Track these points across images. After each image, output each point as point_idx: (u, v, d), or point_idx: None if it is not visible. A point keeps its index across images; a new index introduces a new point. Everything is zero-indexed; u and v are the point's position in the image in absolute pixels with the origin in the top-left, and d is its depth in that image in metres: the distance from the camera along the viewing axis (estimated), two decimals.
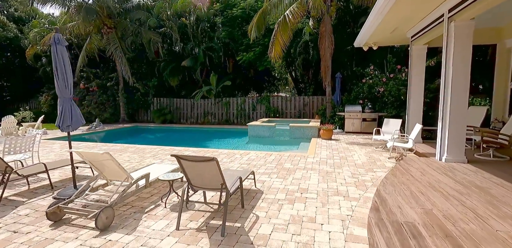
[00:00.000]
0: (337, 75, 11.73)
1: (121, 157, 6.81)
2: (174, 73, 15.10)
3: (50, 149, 8.00)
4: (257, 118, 14.78)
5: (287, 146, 9.05)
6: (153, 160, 6.40)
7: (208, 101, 15.56)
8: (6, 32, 17.24)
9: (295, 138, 9.76)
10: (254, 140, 10.03)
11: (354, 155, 6.81)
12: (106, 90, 16.01)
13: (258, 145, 9.18)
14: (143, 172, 4.22)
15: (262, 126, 10.16)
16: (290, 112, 14.32)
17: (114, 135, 12.87)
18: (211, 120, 15.54)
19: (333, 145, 8.19)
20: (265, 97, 14.55)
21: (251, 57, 13.48)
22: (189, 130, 14.17)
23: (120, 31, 14.18)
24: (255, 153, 6.98)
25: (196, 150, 7.55)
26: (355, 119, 10.68)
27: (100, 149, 7.90)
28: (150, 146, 8.16)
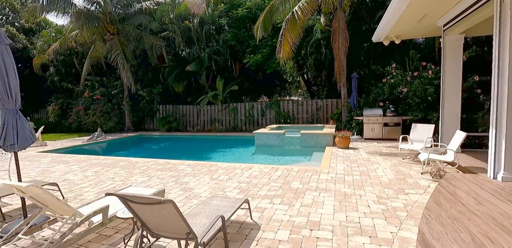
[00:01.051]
0: (353, 75, 10.56)
1: (106, 174, 5.99)
2: (179, 79, 14.45)
3: (37, 164, 7.35)
4: (267, 124, 13.77)
5: (297, 156, 7.97)
6: (140, 178, 5.53)
7: (215, 107, 14.75)
8: (15, 43, 17.34)
9: (307, 147, 8.66)
10: (261, 150, 9.01)
11: (378, 169, 5.63)
12: (111, 99, 15.60)
13: (265, 156, 8.16)
14: (101, 203, 3.29)
15: (270, 134, 9.14)
16: (302, 117, 13.21)
17: (115, 145, 12.26)
18: (218, 127, 14.69)
19: (351, 155, 7.02)
20: (274, 101, 13.55)
21: (258, 59, 12.57)
22: (194, 138, 13.36)
23: (123, 37, 13.72)
24: (259, 168, 5.95)
25: (192, 163, 6.63)
26: (375, 124, 9.43)
27: (90, 163, 7.16)
28: (144, 160, 7.33)
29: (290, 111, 13.38)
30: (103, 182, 5.35)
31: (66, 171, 6.35)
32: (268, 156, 8.22)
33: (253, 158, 8.08)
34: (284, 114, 13.28)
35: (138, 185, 4.99)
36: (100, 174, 5.98)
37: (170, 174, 5.75)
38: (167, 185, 4.93)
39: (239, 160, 7.65)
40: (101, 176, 5.81)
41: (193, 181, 5.17)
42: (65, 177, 5.79)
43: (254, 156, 8.28)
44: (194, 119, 15.32)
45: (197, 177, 5.40)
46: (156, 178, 5.45)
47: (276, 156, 8.01)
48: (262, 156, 8.19)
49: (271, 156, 8.18)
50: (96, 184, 5.19)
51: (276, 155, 8.26)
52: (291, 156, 8.06)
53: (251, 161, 7.61)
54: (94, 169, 6.48)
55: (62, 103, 17.32)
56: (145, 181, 5.30)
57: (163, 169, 6.16)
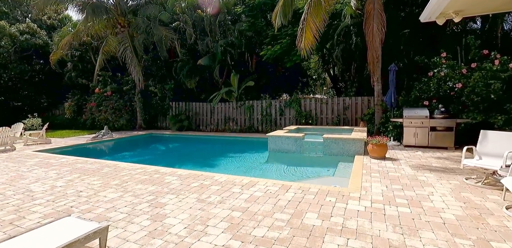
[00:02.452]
0: (391, 68, 8.69)
1: (78, 184, 4.89)
2: (191, 74, 13.35)
3: (18, 166, 6.50)
4: (285, 125, 12.23)
5: (318, 167, 6.40)
6: (110, 194, 4.33)
7: (229, 105, 13.48)
8: (35, 39, 17.34)
9: (331, 155, 7.04)
10: (274, 157, 7.54)
11: (433, 194, 3.95)
12: (123, 95, 14.95)
13: (278, 166, 6.68)
14: None
15: (286, 137, 7.63)
16: (327, 118, 11.50)
17: (120, 145, 11.44)
18: (233, 127, 13.42)
19: (389, 169, 5.33)
20: (294, 99, 11.96)
21: (277, 50, 11.06)
22: (205, 139, 12.20)
23: (133, 29, 12.88)
24: (265, 185, 4.51)
25: (184, 174, 5.35)
26: (419, 127, 7.56)
27: (72, 168, 6.16)
28: (133, 166, 6.19)
29: (313, 111, 11.72)
30: (65, 197, 4.22)
31: (38, 178, 5.36)
32: (281, 165, 6.72)
33: (263, 168, 6.62)
34: (306, 114, 11.66)
35: (85, 213, 3.78)
36: (70, 185, 4.89)
37: (151, 189, 4.50)
38: (135, 209, 3.67)
39: (244, 171, 6.27)
40: (70, 188, 4.71)
41: (174, 202, 3.87)
42: (29, 188, 4.77)
43: (264, 166, 6.80)
44: (207, 118, 14.18)
45: (181, 197, 4.09)
46: (130, 195, 4.22)
47: (291, 166, 6.49)
48: (274, 166, 6.72)
49: (285, 165, 6.67)
50: (54, 201, 4.07)
51: (291, 164, 6.75)
52: (310, 166, 6.50)
53: (259, 172, 6.18)
54: (70, 177, 5.44)
55: (78, 100, 17.05)
56: (114, 199, 4.08)
57: (146, 181, 4.94)
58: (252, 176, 5.35)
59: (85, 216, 3.49)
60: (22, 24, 17.13)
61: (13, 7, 17.80)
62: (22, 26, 17.04)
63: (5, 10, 17.46)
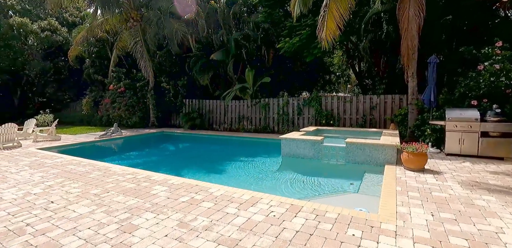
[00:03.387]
0: (430, 60, 7.32)
1: (53, 193, 4.23)
2: (204, 70, 12.61)
3: (9, 167, 6.04)
4: (304, 125, 11.14)
5: (338, 179, 5.32)
6: (81, 207, 3.60)
7: (243, 103, 12.60)
8: (56, 36, 17.52)
9: (355, 163, 5.92)
10: (288, 164, 6.54)
11: (505, 233, 2.78)
12: (136, 92, 14.58)
13: (291, 175, 5.65)
14: None
15: (302, 140, 6.59)
16: (351, 118, 10.26)
17: (129, 143, 10.97)
18: (247, 126, 12.53)
19: (433, 187, 4.15)
20: (314, 97, 10.81)
21: (295, 43, 9.97)
22: (216, 139, 11.44)
23: (144, 23, 12.36)
24: (269, 204, 3.56)
25: (177, 183, 4.53)
26: (466, 132, 6.20)
27: (61, 170, 5.59)
28: (125, 170, 5.49)
29: (334, 110, 10.51)
30: (30, 210, 3.55)
31: (19, 182, 4.80)
32: (294, 174, 5.70)
33: (272, 177, 5.60)
34: (327, 114, 10.48)
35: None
36: (46, 192, 4.24)
37: (131, 203, 3.71)
38: (99, 233, 2.88)
39: (249, 181, 5.32)
40: (43, 196, 4.05)
41: (149, 225, 3.03)
42: (1, 195, 4.18)
43: (274, 175, 5.77)
44: (220, 116, 13.41)
45: (161, 217, 3.25)
46: (103, 211, 3.45)
47: (306, 176, 5.45)
48: (285, 175, 5.69)
49: (298, 174, 5.64)
50: (14, 215, 3.41)
51: (306, 173, 5.70)
52: (329, 177, 5.42)
53: (267, 183, 5.19)
54: (52, 181, 4.83)
55: (95, 96, 17.03)
56: (81, 216, 3.33)
57: (130, 192, 4.17)
58: (257, 189, 4.42)
59: (33, 242, 2.74)
60: (43, 21, 17.37)
61: (36, 5, 18.10)
62: (43, 23, 17.28)
63: (28, 7, 17.79)
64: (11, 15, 16.79)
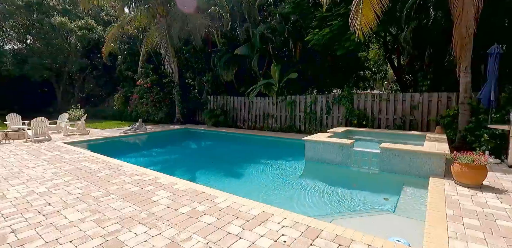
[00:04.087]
0: (492, 50, 6.03)
1: (58, 192, 4.02)
2: (229, 66, 12.17)
3: (30, 161, 6.10)
4: (333, 125, 10.23)
5: (370, 192, 4.49)
6: (78, 212, 3.28)
7: (268, 100, 11.97)
8: (92, 34, 18.29)
9: (391, 172, 5.03)
10: (311, 170, 5.82)
11: None
12: (163, 88, 14.65)
13: (313, 184, 4.92)
14: None
15: (329, 143, 5.81)
16: (387, 119, 9.14)
17: (151, 140, 10.95)
18: (272, 124, 11.90)
19: (496, 212, 3.21)
20: (346, 94, 9.83)
21: (325, 35, 9.07)
22: (238, 138, 10.97)
23: (170, 17, 12.21)
24: (281, 223, 2.93)
25: (183, 188, 4.08)
26: None
27: (74, 167, 5.47)
28: (136, 170, 5.21)
29: (368, 109, 9.45)
30: (24, 212, 3.31)
31: (29, 179, 4.71)
32: (317, 183, 4.96)
33: (291, 187, 4.89)
34: (359, 113, 9.47)
35: None
36: (49, 192, 4.04)
37: (126, 211, 3.32)
38: None
39: (263, 190, 4.69)
40: (44, 197, 3.85)
41: (136, 242, 2.59)
42: (7, 192, 4.06)
43: (294, 184, 5.04)
44: (245, 113, 12.93)
45: (153, 233, 2.80)
46: (94, 220, 3.09)
47: (330, 186, 4.70)
48: (306, 184, 4.97)
49: (322, 184, 4.90)
50: (6, 218, 3.18)
51: (332, 183, 4.94)
52: (359, 189, 4.60)
53: (284, 194, 4.51)
54: (60, 180, 4.66)
55: (126, 92, 17.51)
56: (70, 224, 3.00)
57: (131, 196, 3.80)
58: (270, 200, 3.83)
59: None
60: (81, 20, 18.21)
61: (75, 5, 19.05)
62: (81, 22, 18.11)
63: (68, 7, 18.77)
64: (52, 15, 17.81)
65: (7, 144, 8.50)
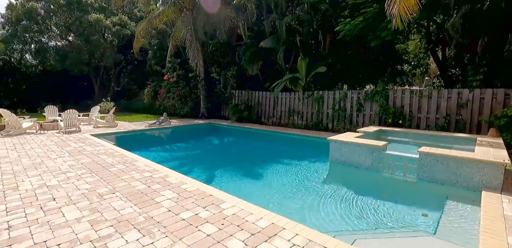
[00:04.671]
0: None
1: (67, 186, 3.93)
2: (254, 59, 11.72)
3: (53, 151, 6.25)
4: (364, 123, 9.38)
5: (405, 206, 3.79)
6: (76, 211, 3.12)
7: (294, 96, 11.35)
8: (125, 30, 18.89)
9: (432, 182, 4.27)
10: (336, 174, 5.22)
11: None
12: (189, 82, 14.67)
13: (337, 191, 4.31)
14: None
15: (357, 145, 5.16)
16: (427, 118, 8.10)
17: (174, 134, 10.96)
18: (297, 121, 11.29)
19: None
20: (380, 90, 8.91)
21: (358, 24, 8.21)
22: (261, 135, 10.55)
23: (195, 11, 12.02)
24: (291, 240, 2.47)
25: (190, 189, 3.77)
26: None
27: (90, 161, 5.46)
28: (149, 166, 5.04)
29: (406, 107, 8.47)
30: (27, 207, 3.22)
31: (47, 171, 4.75)
32: (341, 190, 4.35)
33: (311, 191, 4.35)
34: (394, 111, 8.52)
35: None
36: (58, 186, 3.97)
37: (126, 213, 3.09)
38: None
39: (279, 196, 4.20)
40: (52, 190, 3.78)
41: None
42: (22, 183, 4.07)
43: (314, 189, 4.46)
44: (270, 109, 12.44)
45: (146, 240, 2.50)
46: (90, 220, 2.89)
47: (356, 195, 4.08)
48: (329, 190, 4.36)
49: (347, 191, 4.28)
50: (8, 212, 3.10)
51: (358, 191, 4.31)
52: (390, 200, 3.92)
53: (301, 201, 3.97)
54: (74, 173, 4.63)
55: (155, 86, 17.90)
56: (65, 224, 2.82)
57: (135, 195, 3.58)
58: (284, 209, 3.37)
59: None
60: (115, 17, 18.87)
61: (110, 2, 19.79)
62: (115, 18, 18.77)
63: (104, 4, 19.56)
64: (90, 13, 18.67)
65: (41, 134, 8.95)
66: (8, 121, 9.13)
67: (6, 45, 18.97)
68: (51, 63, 19.30)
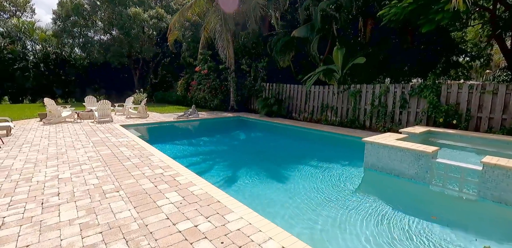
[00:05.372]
0: None
1: (76, 180, 3.80)
2: (285, 50, 10.98)
3: (79, 141, 6.34)
4: (408, 122, 8.24)
5: (461, 232, 2.95)
6: (74, 210, 2.90)
7: (328, 90, 10.44)
8: (161, 23, 19.20)
9: (498, 202, 3.34)
10: (371, 183, 4.46)
11: None
12: (219, 74, 14.43)
13: (371, 206, 3.55)
14: None
15: (400, 149, 4.31)
16: (490, 119, 6.76)
17: (201, 127, 10.81)
18: (330, 117, 10.41)
19: None
20: (429, 84, 7.68)
21: (406, 7, 7.01)
22: (290, 131, 9.91)
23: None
24: None
25: (197, 193, 3.37)
26: None
27: (113, 151, 5.37)
28: (163, 160, 4.78)
29: (462, 104, 7.17)
30: (26, 203, 3.09)
31: (65, 161, 4.72)
32: (377, 204, 3.60)
33: (338, 205, 3.63)
34: (448, 109, 7.27)
35: None
36: (68, 179, 3.86)
37: (120, 217, 2.78)
38: None
39: (295, 209, 3.57)
40: (61, 183, 3.66)
41: None
42: (37, 174, 4.04)
43: (343, 202, 3.71)
44: (301, 103, 11.68)
45: None
46: (82, 223, 2.62)
47: (396, 212, 3.32)
48: (360, 205, 3.62)
49: (384, 206, 3.53)
50: (9, 206, 2.99)
51: (398, 208, 3.51)
52: (441, 224, 3.09)
53: (323, 219, 3.31)
54: (89, 165, 4.53)
55: (188, 78, 18.06)
56: (56, 225, 2.58)
57: (138, 196, 3.28)
58: (302, 225, 2.79)
59: None
60: (152, 10, 19.25)
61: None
62: (152, 11, 19.15)
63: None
64: (129, 7, 19.28)
65: (77, 124, 9.36)
66: (50, 110, 9.70)
67: (57, 39, 20.51)
68: (94, 56, 20.48)
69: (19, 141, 6.39)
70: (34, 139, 6.64)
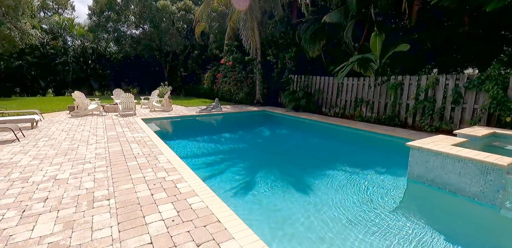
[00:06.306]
0: None
1: (73, 182, 3.45)
2: (315, 38, 9.93)
3: (95, 136, 6.16)
4: (463, 121, 6.92)
5: None
6: (51, 222, 2.49)
7: (363, 82, 9.28)
8: (189, 15, 18.94)
9: None
10: (416, 202, 3.56)
11: None
12: (245, 66, 13.79)
13: (419, 231, 2.73)
14: None
15: (459, 158, 3.33)
16: None
17: (224, 121, 10.33)
18: (365, 113, 9.29)
19: None
20: (492, 75, 6.27)
21: None
22: (319, 128, 9.01)
23: None
24: None
25: (196, 207, 2.80)
26: None
27: (124, 148, 5.04)
28: (172, 161, 4.30)
29: None
30: (8, 209, 2.75)
31: (70, 159, 4.47)
32: (424, 230, 2.75)
33: (375, 227, 2.82)
34: None
35: None
36: (64, 181, 3.53)
37: (98, 237, 2.30)
38: None
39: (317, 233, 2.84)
40: (52, 188, 3.32)
41: None
42: (37, 173, 3.79)
43: (382, 223, 2.89)
44: (332, 97, 10.63)
45: None
46: (51, 244, 2.18)
47: (457, 245, 2.46)
48: (404, 228, 2.80)
49: (435, 234, 2.67)
50: None
51: (455, 239, 2.64)
52: None
53: (357, 244, 2.59)
54: (92, 164, 4.21)
55: (215, 71, 17.70)
56: (25, 242, 2.16)
57: (127, 208, 2.79)
58: None
59: None
60: (180, 2, 19.04)
61: None
62: (180, 4, 18.94)
63: None
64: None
65: (101, 117, 9.39)
66: (77, 103, 9.87)
67: (93, 34, 21.33)
68: (126, 50, 20.98)
69: (40, 134, 6.40)
70: (55, 132, 6.62)
